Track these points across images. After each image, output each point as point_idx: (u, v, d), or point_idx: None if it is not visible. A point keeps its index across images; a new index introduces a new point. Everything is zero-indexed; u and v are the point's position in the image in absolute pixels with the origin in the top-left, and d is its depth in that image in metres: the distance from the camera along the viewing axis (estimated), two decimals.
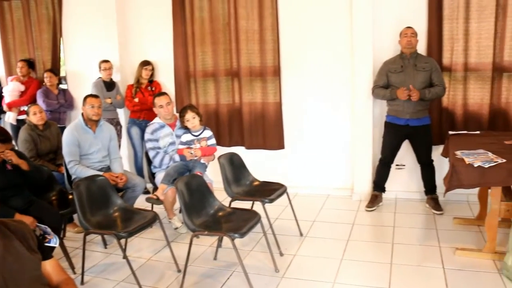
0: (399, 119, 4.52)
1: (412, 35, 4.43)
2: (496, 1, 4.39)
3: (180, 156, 4.18)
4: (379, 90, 4.57)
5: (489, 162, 3.14)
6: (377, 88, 4.60)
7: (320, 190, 5.27)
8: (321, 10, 4.99)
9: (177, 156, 4.22)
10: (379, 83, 4.59)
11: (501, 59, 4.48)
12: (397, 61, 4.52)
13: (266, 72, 5.22)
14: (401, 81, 4.43)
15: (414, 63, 4.43)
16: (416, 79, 4.40)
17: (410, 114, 4.44)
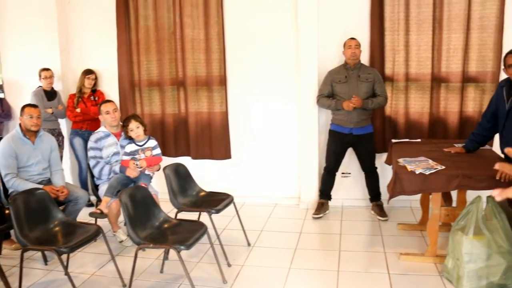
0: (343, 128, 4.60)
1: (356, 46, 4.54)
2: (433, 16, 4.60)
3: (120, 168, 4.06)
4: (324, 100, 4.63)
5: (430, 169, 3.25)
6: (322, 98, 4.65)
7: (268, 199, 5.28)
8: (267, 20, 5.03)
9: (117, 167, 4.09)
10: (324, 93, 4.66)
11: (439, 70, 4.68)
12: (341, 71, 4.60)
13: (212, 82, 5.20)
14: (345, 91, 4.52)
15: (358, 73, 4.53)
16: (359, 89, 4.49)
17: (354, 123, 4.53)
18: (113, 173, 4.11)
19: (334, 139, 4.71)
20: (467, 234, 3.13)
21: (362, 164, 4.76)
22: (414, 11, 4.64)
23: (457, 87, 4.65)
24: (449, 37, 4.62)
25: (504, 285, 3.17)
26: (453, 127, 4.69)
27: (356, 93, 4.46)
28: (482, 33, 4.56)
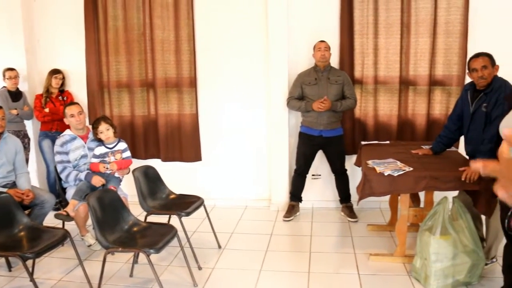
0: (313, 130, 4.63)
1: (325, 49, 4.58)
2: (401, 20, 4.69)
3: (86, 176, 3.96)
4: (294, 102, 4.65)
5: (398, 171, 3.30)
6: (292, 100, 4.67)
7: (238, 201, 5.27)
8: (237, 22, 5.02)
9: (83, 175, 4.00)
10: (294, 95, 4.68)
11: (407, 73, 4.77)
12: (311, 73, 4.64)
13: (182, 83, 5.16)
14: (315, 93, 4.55)
15: (328, 76, 4.57)
16: (329, 91, 4.53)
17: (324, 125, 4.57)
18: (78, 180, 4.00)
19: (304, 142, 4.73)
20: (434, 234, 3.20)
21: (332, 166, 4.80)
22: (383, 15, 4.72)
23: (424, 90, 4.75)
24: (417, 41, 4.72)
25: (469, 282, 3.26)
26: (421, 129, 4.79)
27: (326, 95, 4.49)
28: (448, 37, 4.67)
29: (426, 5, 4.66)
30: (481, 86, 3.43)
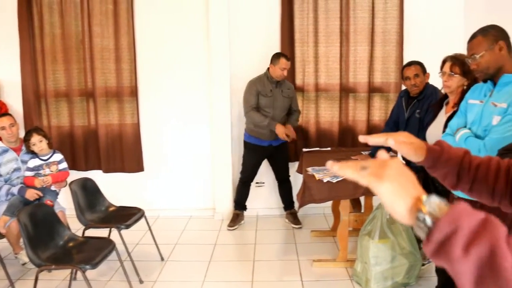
0: (262, 141, 4.59)
1: (288, 68, 4.43)
2: (340, 29, 4.80)
3: (19, 191, 3.78)
4: (256, 115, 4.44)
5: (337, 177, 3.36)
6: (254, 112, 4.46)
7: (182, 211, 5.18)
8: (178, 31, 4.97)
9: (16, 189, 3.81)
10: (252, 103, 4.47)
11: (347, 80, 4.87)
12: (267, 84, 4.48)
13: (122, 93, 5.04)
14: (270, 105, 4.49)
15: (281, 89, 4.54)
16: (282, 104, 4.54)
17: (275, 136, 4.50)
18: (10, 195, 3.81)
19: (253, 152, 4.68)
20: (373, 238, 3.27)
21: (277, 173, 4.82)
22: (323, 24, 4.80)
23: (364, 97, 4.87)
24: (356, 50, 4.84)
25: (407, 283, 3.35)
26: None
27: (279, 107, 4.51)
28: (385, 46, 4.82)
29: (364, 14, 4.79)
30: (414, 93, 3.56)
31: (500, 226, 0.72)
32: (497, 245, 0.68)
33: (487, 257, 0.68)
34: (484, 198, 1.29)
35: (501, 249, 0.68)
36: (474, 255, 0.69)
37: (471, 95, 2.48)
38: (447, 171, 1.27)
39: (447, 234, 0.72)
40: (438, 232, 0.72)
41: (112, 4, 4.91)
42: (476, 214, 0.73)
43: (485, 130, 2.30)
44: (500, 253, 0.68)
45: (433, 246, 0.73)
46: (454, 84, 2.85)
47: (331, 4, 4.78)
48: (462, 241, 0.70)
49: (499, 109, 2.24)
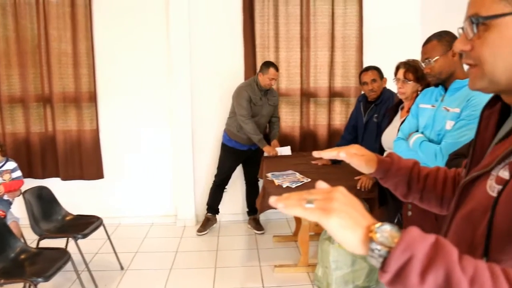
0: (242, 145, 4.60)
1: (275, 79, 4.43)
2: (300, 34, 4.82)
3: None
4: (252, 127, 4.38)
5: (296, 183, 3.36)
6: (250, 122, 4.39)
7: (144, 219, 5.10)
8: (138, 36, 4.88)
9: None
10: (249, 111, 4.41)
11: (308, 85, 4.90)
12: (256, 92, 4.44)
13: (81, 98, 4.91)
14: (258, 113, 4.50)
15: (267, 97, 4.54)
16: (267, 112, 4.58)
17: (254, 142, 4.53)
18: None
19: (232, 155, 4.66)
20: (333, 242, 3.28)
21: (247, 174, 4.80)
22: (283, 29, 4.82)
23: (325, 102, 4.91)
24: (316, 55, 4.88)
25: (367, 286, 3.38)
26: (322, 140, 4.93)
27: (265, 115, 4.55)
28: (345, 51, 4.88)
29: (324, 20, 4.84)
30: (372, 98, 3.60)
31: (451, 248, 0.72)
32: (451, 269, 0.68)
33: (443, 282, 0.68)
34: (433, 206, 1.31)
35: (455, 273, 0.68)
36: (431, 282, 0.68)
37: (422, 99, 2.52)
38: (398, 181, 1.30)
39: (402, 263, 0.70)
40: (394, 262, 0.71)
41: (70, 7, 4.79)
42: (427, 238, 0.72)
43: (438, 134, 2.34)
44: (455, 277, 0.68)
45: (389, 276, 0.72)
46: (409, 90, 2.90)
47: (291, 9, 4.81)
48: (418, 269, 0.69)
49: (452, 114, 2.28)
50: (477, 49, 0.90)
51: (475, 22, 0.88)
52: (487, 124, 1.04)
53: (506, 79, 0.89)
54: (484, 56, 0.89)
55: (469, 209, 0.94)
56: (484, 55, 0.89)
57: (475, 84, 0.94)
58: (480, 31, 0.88)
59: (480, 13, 0.88)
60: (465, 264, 0.70)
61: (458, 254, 0.71)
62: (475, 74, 0.93)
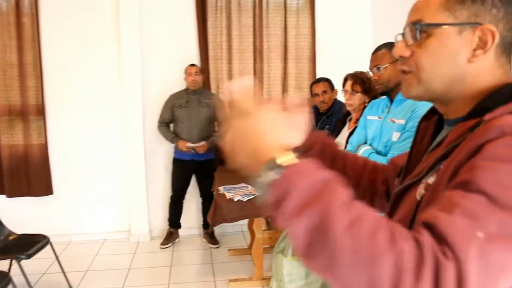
0: (185, 155, 4.55)
1: (196, 73, 4.52)
2: (253, 46, 4.83)
3: None
4: (164, 130, 4.59)
5: (248, 196, 3.33)
6: (162, 127, 4.60)
7: (96, 235, 4.92)
8: (88, 46, 4.75)
9: None
10: (165, 118, 4.59)
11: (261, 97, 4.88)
12: (182, 95, 4.55)
13: (28, 111, 4.71)
14: (186, 116, 4.49)
15: (199, 98, 4.52)
16: (200, 114, 4.51)
17: None
18: None
19: (178, 168, 4.63)
20: (287, 255, 3.25)
21: (201, 189, 4.74)
22: (236, 40, 4.82)
23: None
24: (269, 66, 4.89)
25: None
26: None
27: (197, 118, 4.48)
28: (298, 63, 4.92)
29: (277, 32, 4.86)
30: (323, 110, 3.63)
31: (342, 190, 0.71)
32: (330, 208, 0.68)
33: (318, 218, 0.67)
34: None
35: (332, 212, 0.67)
36: (305, 218, 0.68)
37: (369, 111, 2.54)
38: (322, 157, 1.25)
39: (281, 193, 0.71)
40: (275, 191, 0.72)
41: (15, 16, 4.62)
42: (317, 174, 0.73)
43: (385, 146, 2.36)
44: (331, 216, 0.67)
45: (271, 206, 0.72)
46: (356, 102, 2.92)
47: (244, 20, 4.81)
48: (295, 202, 0.69)
49: (397, 125, 2.30)
50: (417, 55, 0.91)
51: (418, 28, 0.89)
52: (423, 135, 1.06)
53: (441, 87, 0.90)
54: (423, 63, 0.90)
55: (400, 217, 0.94)
56: (423, 62, 0.90)
57: (409, 91, 0.95)
58: (422, 38, 0.90)
59: (424, 19, 0.89)
60: (351, 207, 0.69)
61: (349, 196, 0.71)
62: (410, 81, 0.94)
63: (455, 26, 0.86)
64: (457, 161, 0.79)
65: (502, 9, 0.86)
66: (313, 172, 0.73)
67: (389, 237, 0.66)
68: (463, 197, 0.70)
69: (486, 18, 0.85)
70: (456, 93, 0.90)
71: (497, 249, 0.65)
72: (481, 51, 0.86)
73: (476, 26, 0.85)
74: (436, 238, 0.67)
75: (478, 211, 0.67)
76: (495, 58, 0.88)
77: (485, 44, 0.86)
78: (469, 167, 0.74)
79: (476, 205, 0.68)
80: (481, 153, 0.74)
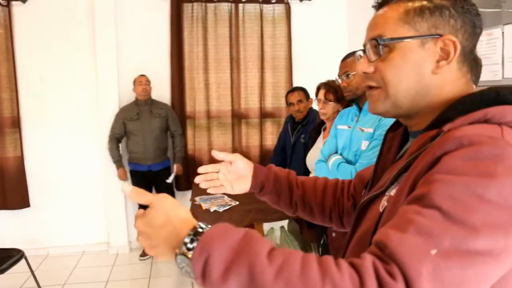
0: (141, 166, 4.53)
1: (146, 82, 4.51)
2: (230, 55, 4.84)
3: None
4: (112, 148, 4.56)
5: (224, 206, 3.33)
6: (113, 143, 4.56)
7: (74, 248, 4.86)
8: (64, 58, 4.71)
9: None
10: (115, 132, 4.54)
11: (239, 106, 4.91)
12: (133, 108, 4.52)
13: (3, 124, 4.64)
14: (138, 128, 4.46)
15: (150, 109, 4.51)
16: (152, 125, 4.49)
17: (151, 159, 4.49)
18: None
19: (136, 179, 4.59)
20: None
21: None
22: (212, 50, 4.82)
23: (256, 123, 4.93)
24: (246, 76, 4.91)
25: None
26: (255, 161, 4.78)
27: (149, 129, 4.46)
28: (275, 72, 4.95)
29: (254, 41, 4.89)
30: (299, 119, 3.65)
31: (260, 241, 0.71)
32: (254, 262, 0.68)
33: (247, 275, 0.67)
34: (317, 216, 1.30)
35: (259, 265, 0.67)
36: (234, 278, 0.68)
37: (339, 121, 2.57)
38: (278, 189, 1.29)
39: (202, 265, 0.70)
40: (196, 267, 0.71)
41: None
42: (230, 235, 0.73)
43: (355, 155, 2.39)
44: (258, 269, 0.67)
45: (200, 281, 0.71)
46: (330, 111, 2.94)
47: (220, 30, 4.82)
48: (218, 268, 0.69)
49: (366, 134, 2.33)
50: (381, 71, 0.91)
51: (380, 43, 0.89)
52: (390, 146, 1.06)
53: (408, 102, 0.90)
54: (388, 78, 0.90)
55: (363, 230, 0.94)
56: (388, 77, 0.90)
57: (376, 107, 0.95)
58: (384, 53, 0.90)
59: (385, 34, 0.89)
60: (275, 255, 0.69)
61: (270, 246, 0.71)
62: (378, 96, 0.93)
63: (416, 39, 0.87)
64: (416, 173, 0.80)
65: (460, 19, 0.87)
66: (227, 234, 0.73)
67: (321, 270, 0.67)
68: (417, 213, 0.70)
69: (446, 29, 0.87)
70: (422, 107, 0.91)
71: (451, 266, 0.65)
72: (444, 62, 0.87)
73: (437, 38, 0.87)
74: (385, 259, 0.67)
75: (432, 228, 0.67)
76: (458, 68, 0.89)
77: (447, 54, 0.87)
78: (426, 180, 0.74)
79: (430, 222, 0.68)
80: (438, 165, 0.74)
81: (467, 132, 0.76)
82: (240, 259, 0.69)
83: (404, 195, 0.80)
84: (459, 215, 0.67)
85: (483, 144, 0.73)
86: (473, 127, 0.78)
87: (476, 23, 0.90)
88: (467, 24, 0.88)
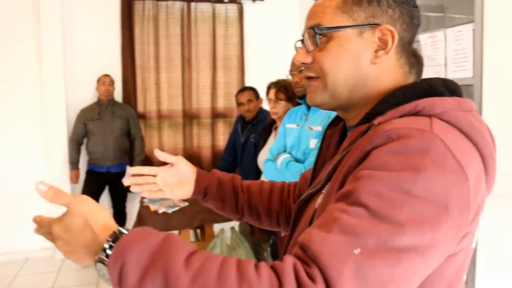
0: (100, 167, 4.41)
1: (110, 83, 4.42)
2: (182, 55, 4.77)
3: None
4: (72, 150, 4.45)
5: (173, 207, 3.26)
6: (74, 145, 4.45)
7: (17, 254, 4.63)
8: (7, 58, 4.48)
9: None
10: (78, 133, 4.43)
11: (190, 106, 4.84)
12: (95, 108, 4.43)
13: None
14: (99, 128, 4.36)
15: (112, 110, 4.40)
16: (114, 126, 4.38)
17: (112, 161, 4.38)
18: None
19: (92, 179, 4.45)
20: None
21: (115, 202, 4.56)
22: (164, 49, 4.74)
23: (207, 123, 4.89)
24: (198, 75, 4.84)
25: None
26: (206, 162, 4.87)
27: (111, 130, 4.35)
28: (227, 72, 4.92)
29: (206, 40, 4.84)
30: (249, 119, 3.63)
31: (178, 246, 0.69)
32: (170, 267, 0.66)
33: (162, 282, 0.65)
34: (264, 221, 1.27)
35: (174, 271, 0.65)
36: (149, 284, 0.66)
37: (288, 120, 2.56)
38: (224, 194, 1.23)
39: (118, 273, 0.68)
40: (111, 273, 0.69)
41: None
42: (149, 240, 0.70)
43: (304, 153, 2.38)
44: (173, 275, 0.65)
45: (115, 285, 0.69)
46: (281, 110, 2.93)
47: (171, 29, 4.75)
48: (133, 275, 0.67)
49: (315, 132, 2.33)
50: (319, 61, 0.89)
51: (318, 33, 0.87)
52: (329, 143, 1.04)
53: (346, 93, 0.89)
54: (326, 68, 0.88)
55: (301, 229, 0.92)
56: (326, 67, 0.88)
57: (315, 98, 0.92)
58: (322, 43, 0.88)
59: (322, 23, 0.88)
60: (192, 260, 0.67)
61: (189, 251, 0.69)
62: (316, 87, 0.91)
63: (354, 28, 0.86)
64: (346, 169, 0.78)
65: (397, 9, 0.87)
66: (145, 239, 0.70)
67: (238, 275, 0.65)
68: (343, 211, 0.68)
69: (384, 18, 0.86)
70: (359, 97, 0.89)
71: (376, 265, 0.63)
72: (382, 52, 0.86)
73: (375, 27, 0.86)
74: (307, 261, 0.65)
75: (356, 226, 0.65)
76: (396, 59, 0.88)
77: (385, 44, 0.86)
78: (354, 176, 0.73)
79: (355, 220, 0.66)
80: (367, 161, 0.73)
81: (396, 125, 0.74)
82: (156, 265, 0.66)
83: (334, 192, 0.79)
84: (385, 212, 0.66)
85: (411, 137, 0.71)
86: (402, 120, 0.76)
87: (414, 14, 0.89)
88: (405, 14, 0.88)
